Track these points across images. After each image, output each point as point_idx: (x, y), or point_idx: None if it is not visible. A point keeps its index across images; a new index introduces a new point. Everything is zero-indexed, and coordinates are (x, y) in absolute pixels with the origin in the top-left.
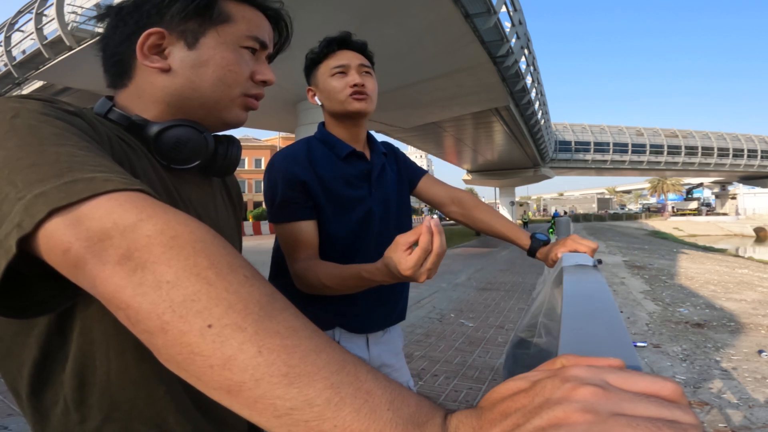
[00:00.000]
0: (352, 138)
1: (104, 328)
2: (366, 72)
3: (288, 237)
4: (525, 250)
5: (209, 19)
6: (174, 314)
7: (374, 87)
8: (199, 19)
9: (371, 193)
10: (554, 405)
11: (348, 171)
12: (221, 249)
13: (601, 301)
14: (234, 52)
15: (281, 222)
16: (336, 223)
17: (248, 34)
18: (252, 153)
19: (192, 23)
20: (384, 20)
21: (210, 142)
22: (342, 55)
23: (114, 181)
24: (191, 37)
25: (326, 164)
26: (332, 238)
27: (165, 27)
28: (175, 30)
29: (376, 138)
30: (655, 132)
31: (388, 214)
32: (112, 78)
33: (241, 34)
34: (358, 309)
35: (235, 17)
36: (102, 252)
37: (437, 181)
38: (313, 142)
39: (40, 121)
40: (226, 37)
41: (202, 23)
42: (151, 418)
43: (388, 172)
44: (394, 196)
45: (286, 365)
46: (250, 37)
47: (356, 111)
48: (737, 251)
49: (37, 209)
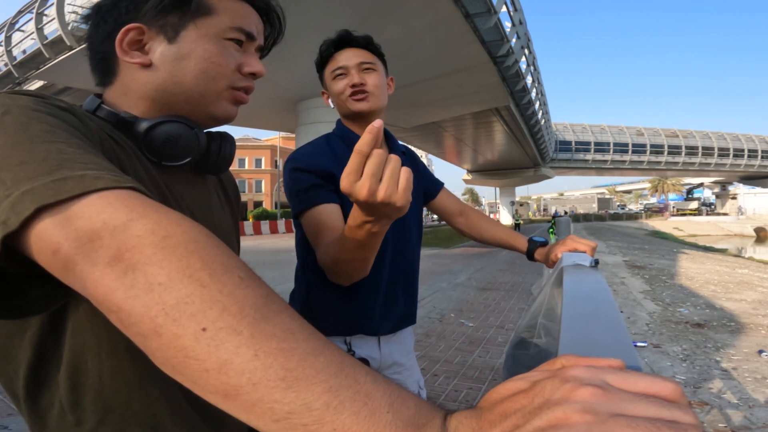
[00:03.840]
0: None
1: (96, 329)
2: (368, 69)
3: (314, 223)
4: (524, 253)
5: (189, 12)
6: (167, 317)
7: (379, 82)
8: (178, 13)
9: None
10: (554, 405)
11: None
12: (215, 249)
13: (601, 301)
14: (216, 45)
15: (307, 208)
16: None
17: (232, 25)
18: (252, 153)
19: (171, 17)
20: (384, 20)
21: (202, 139)
22: (340, 57)
23: (104, 179)
24: (171, 31)
25: (345, 159)
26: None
27: (144, 22)
28: (155, 25)
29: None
30: (656, 132)
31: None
32: (99, 76)
33: (224, 25)
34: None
35: (216, 9)
36: (92, 253)
37: (450, 194)
38: (332, 138)
39: (31, 118)
40: (207, 29)
41: (182, 17)
42: (147, 420)
43: None
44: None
45: (284, 368)
46: (234, 28)
47: (357, 111)
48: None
49: (24, 206)
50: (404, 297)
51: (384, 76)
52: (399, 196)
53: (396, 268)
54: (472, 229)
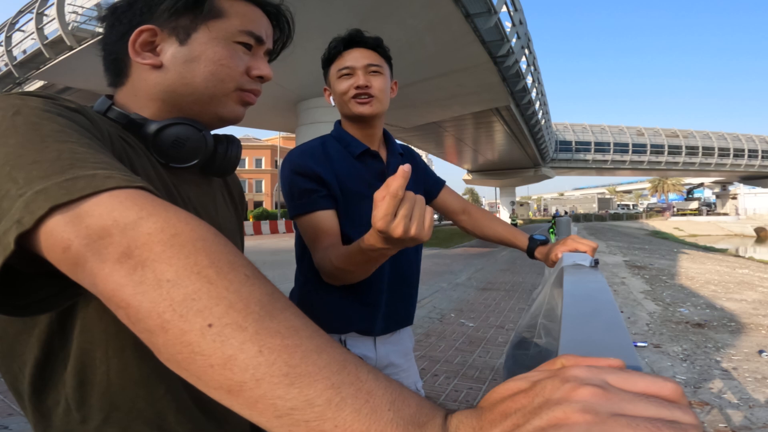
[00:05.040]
0: (366, 138)
1: (104, 326)
2: (374, 72)
3: (309, 228)
4: (524, 251)
5: (200, 15)
6: (174, 313)
7: (383, 86)
8: (190, 15)
9: None
10: (554, 405)
11: (362, 170)
12: (222, 247)
13: (601, 301)
14: (226, 48)
15: (302, 214)
16: (349, 222)
17: (241, 29)
18: (252, 153)
19: (184, 19)
20: (384, 19)
21: (209, 141)
22: (348, 56)
23: (115, 179)
24: (183, 33)
25: (341, 162)
26: (346, 236)
27: (157, 24)
28: (167, 26)
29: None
30: (656, 132)
31: None
32: (111, 77)
33: (234, 29)
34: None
35: (227, 12)
36: (102, 250)
37: (453, 192)
38: (328, 140)
39: (42, 118)
40: (218, 32)
41: (194, 19)
42: (152, 417)
43: None
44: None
45: (287, 365)
46: (244, 32)
47: (359, 114)
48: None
49: (38, 205)
50: (402, 298)
51: (389, 79)
52: (425, 233)
53: (397, 268)
54: (475, 226)
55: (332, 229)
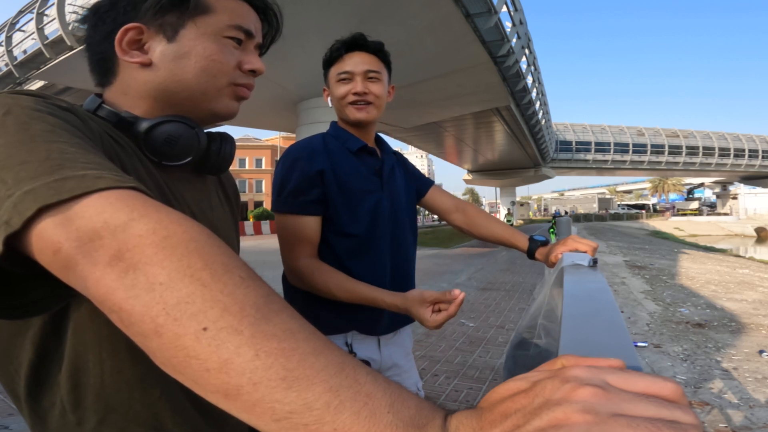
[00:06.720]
0: (361, 137)
1: (97, 328)
2: (373, 78)
3: (292, 230)
4: (524, 252)
5: (187, 11)
6: (168, 317)
7: (381, 92)
8: (177, 12)
9: (382, 187)
10: (554, 405)
11: (359, 165)
12: (216, 249)
13: (601, 302)
14: (216, 43)
15: (288, 213)
16: (347, 215)
17: (230, 23)
18: (252, 153)
19: (170, 16)
20: (384, 20)
21: (202, 138)
22: (349, 60)
23: (106, 179)
24: (170, 30)
25: (340, 157)
26: (344, 231)
27: (142, 22)
28: (153, 24)
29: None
30: (657, 132)
31: (399, 210)
32: (98, 77)
33: (223, 24)
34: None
35: (215, 8)
36: (93, 252)
37: (443, 191)
38: (327, 137)
39: (32, 118)
40: (206, 28)
41: (181, 16)
42: (148, 420)
43: (398, 173)
44: (403, 196)
45: (284, 368)
46: (233, 26)
47: (355, 120)
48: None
49: (26, 206)
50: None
51: (386, 85)
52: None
53: (397, 264)
54: (470, 225)
55: (314, 239)
